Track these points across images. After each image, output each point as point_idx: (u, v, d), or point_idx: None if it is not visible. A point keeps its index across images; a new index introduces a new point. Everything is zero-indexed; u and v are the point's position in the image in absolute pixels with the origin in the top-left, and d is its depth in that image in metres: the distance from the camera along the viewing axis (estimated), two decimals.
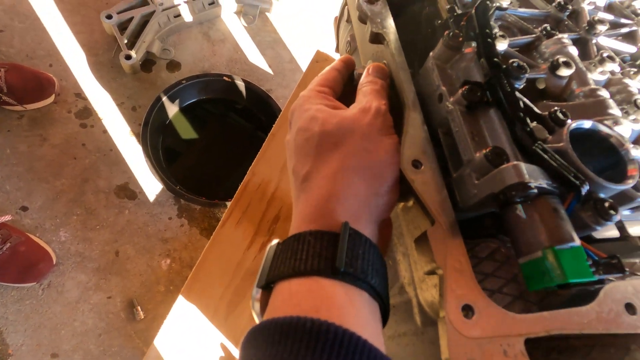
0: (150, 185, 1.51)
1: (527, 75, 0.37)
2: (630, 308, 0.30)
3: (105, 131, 1.55)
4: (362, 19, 0.45)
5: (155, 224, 1.49)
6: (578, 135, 0.32)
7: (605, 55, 0.39)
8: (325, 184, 0.31)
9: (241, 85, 1.59)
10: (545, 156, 0.29)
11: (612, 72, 0.41)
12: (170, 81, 1.62)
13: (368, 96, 0.36)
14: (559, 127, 0.34)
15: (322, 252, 0.28)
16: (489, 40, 0.35)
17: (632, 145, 0.35)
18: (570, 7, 0.46)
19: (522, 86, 0.37)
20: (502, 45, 0.39)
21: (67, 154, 1.48)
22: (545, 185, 0.28)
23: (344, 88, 0.42)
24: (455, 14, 0.40)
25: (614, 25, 0.50)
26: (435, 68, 0.38)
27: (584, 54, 0.44)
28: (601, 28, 0.43)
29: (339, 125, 0.33)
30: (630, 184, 0.29)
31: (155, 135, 1.50)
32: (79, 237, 1.41)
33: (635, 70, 0.41)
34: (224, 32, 1.83)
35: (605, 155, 0.33)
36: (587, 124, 0.31)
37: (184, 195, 1.40)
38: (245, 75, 1.78)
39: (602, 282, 0.29)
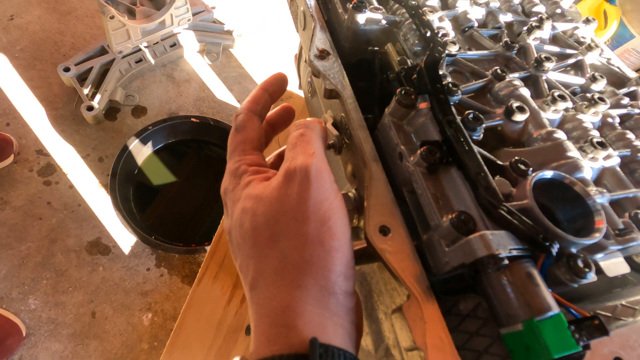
0: (124, 237, 1.44)
1: (484, 125, 0.37)
2: None
3: (71, 186, 1.49)
4: (315, 74, 0.44)
5: (132, 278, 1.42)
6: (543, 184, 0.32)
7: (556, 95, 0.40)
8: (274, 293, 0.28)
9: (210, 124, 1.57)
10: (512, 219, 0.28)
11: (566, 109, 0.42)
12: (136, 127, 1.58)
13: (294, 150, 0.32)
14: (522, 177, 0.33)
15: None
16: (441, 96, 0.35)
17: (594, 189, 0.35)
18: (516, 46, 0.47)
19: (480, 137, 0.37)
20: (455, 97, 0.39)
21: (32, 215, 1.41)
22: (515, 253, 0.27)
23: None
24: (406, 67, 0.40)
25: (561, 57, 0.51)
26: (392, 125, 0.37)
27: (536, 92, 0.44)
28: (549, 65, 0.44)
29: (268, 212, 0.29)
30: (598, 237, 0.29)
31: (125, 185, 1.44)
32: (51, 303, 1.32)
33: (587, 104, 0.42)
34: (188, 72, 1.82)
35: (573, 202, 0.32)
36: (548, 174, 0.31)
37: (159, 245, 1.34)
38: (214, 113, 1.76)
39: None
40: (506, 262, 0.27)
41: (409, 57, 0.44)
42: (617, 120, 0.43)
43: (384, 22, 0.46)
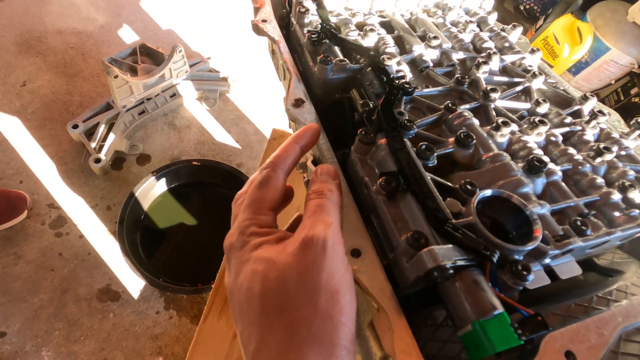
0: (133, 281, 1.48)
1: (436, 154, 0.42)
2: (569, 356, 0.33)
3: (81, 236, 1.55)
4: (293, 120, 0.50)
5: (142, 322, 1.44)
6: (490, 201, 0.37)
7: (500, 121, 0.46)
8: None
9: (211, 165, 1.65)
10: (456, 234, 0.33)
11: (512, 132, 0.48)
12: (142, 175, 1.66)
13: (312, 217, 0.32)
14: (470, 197, 0.38)
15: None
16: (395, 132, 0.41)
17: (536, 201, 0.39)
18: (467, 80, 0.54)
19: (434, 164, 0.42)
20: (411, 132, 0.45)
21: (44, 267, 1.46)
22: (460, 262, 0.32)
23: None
24: (367, 109, 0.47)
25: (510, 85, 0.58)
26: (357, 161, 0.43)
27: (487, 119, 0.50)
28: (494, 95, 0.51)
29: (281, 278, 0.29)
30: (535, 243, 0.33)
31: (133, 231, 1.50)
32: (63, 354, 1.34)
33: (531, 126, 0.47)
34: (188, 119, 1.93)
35: (516, 214, 0.37)
36: (488, 192, 0.36)
37: (168, 287, 1.37)
38: (215, 155, 1.85)
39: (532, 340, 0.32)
40: (451, 271, 0.31)
41: (371, 100, 0.50)
42: (560, 138, 0.49)
43: (349, 71, 0.53)
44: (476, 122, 0.47)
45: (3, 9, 2.02)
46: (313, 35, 0.55)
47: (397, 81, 0.50)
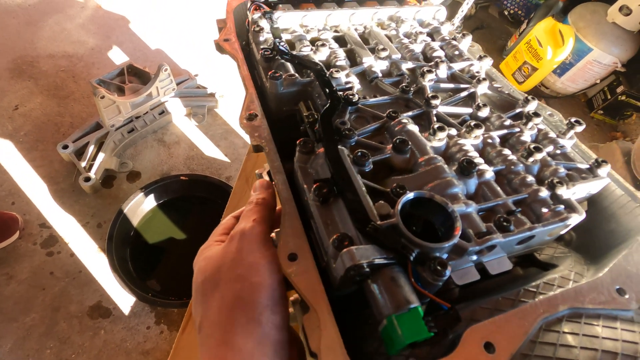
0: (124, 298, 1.50)
1: (372, 159, 0.45)
2: (489, 347, 0.34)
3: (72, 254, 1.57)
4: (247, 133, 0.53)
5: (133, 338, 1.45)
6: (420, 202, 0.39)
7: (436, 126, 0.48)
8: (213, 331, 0.34)
9: (198, 180, 1.68)
10: (376, 235, 0.35)
11: (450, 136, 0.50)
12: (132, 191, 1.69)
13: (241, 220, 0.41)
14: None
15: None
16: (329, 141, 0.43)
17: (464, 201, 0.42)
18: (411, 89, 0.56)
19: (371, 169, 0.45)
20: (352, 140, 0.47)
21: (36, 287, 1.48)
22: (379, 261, 0.34)
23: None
24: (311, 120, 0.49)
25: (456, 91, 0.60)
26: (298, 169, 0.45)
27: (429, 125, 0.53)
28: (435, 102, 0.53)
29: (213, 265, 0.38)
30: (453, 241, 0.35)
31: (122, 247, 1.52)
32: None
33: (468, 129, 0.50)
34: (177, 135, 1.97)
35: (441, 212, 0.39)
36: (411, 195, 0.38)
37: (157, 302, 1.39)
38: (204, 169, 1.88)
39: (446, 333, 0.33)
40: (368, 270, 0.33)
41: (318, 111, 0.53)
42: (497, 140, 0.51)
43: (299, 85, 0.56)
44: (415, 128, 0.50)
45: None
46: (266, 52, 0.58)
47: (342, 92, 0.53)
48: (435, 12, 0.75)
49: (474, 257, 0.40)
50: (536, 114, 0.53)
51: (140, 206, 1.61)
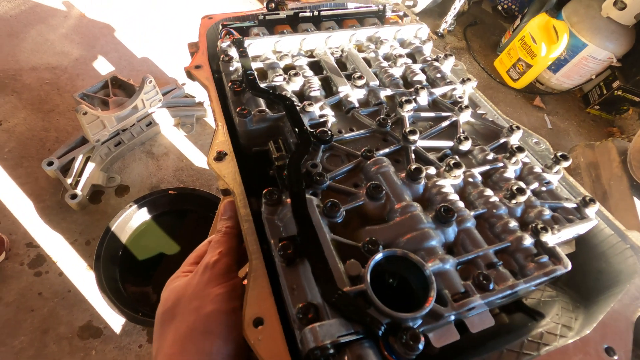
0: (115, 317, 1.47)
1: (344, 209, 0.42)
2: None
3: (61, 273, 1.54)
4: (215, 173, 0.50)
5: (125, 357, 1.42)
6: (392, 258, 0.36)
7: (413, 168, 0.45)
8: None
9: (187, 193, 1.65)
10: (342, 306, 0.32)
11: (429, 176, 0.47)
12: (120, 206, 1.65)
13: (209, 251, 0.43)
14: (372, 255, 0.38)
15: None
16: (296, 197, 0.40)
17: (440, 256, 0.39)
18: (389, 121, 0.53)
19: (342, 219, 0.42)
20: (324, 185, 0.44)
21: (24, 309, 1.45)
22: (345, 339, 0.31)
23: None
24: (280, 163, 0.46)
25: (438, 120, 0.57)
26: (265, 221, 0.42)
27: (408, 162, 0.50)
28: (414, 137, 0.50)
29: (174, 297, 0.39)
30: (425, 310, 0.33)
31: (111, 266, 1.49)
32: None
33: (447, 168, 0.47)
34: (166, 146, 1.93)
35: (417, 270, 0.36)
36: (379, 255, 0.35)
37: (147, 321, 1.36)
38: (194, 180, 1.84)
39: None
40: (332, 351, 0.30)
41: (289, 152, 0.50)
42: (479, 179, 0.48)
43: (269, 121, 0.53)
44: (391, 169, 0.47)
45: None
46: (234, 85, 0.55)
47: (315, 129, 0.50)
48: (416, 30, 0.72)
49: (452, 318, 0.37)
50: (520, 149, 0.50)
51: (129, 222, 1.58)
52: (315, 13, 0.72)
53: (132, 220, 1.59)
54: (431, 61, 0.67)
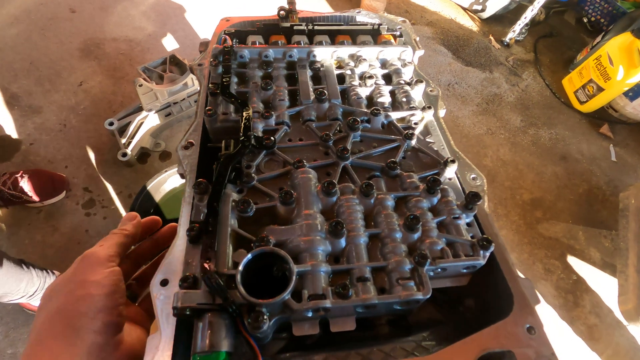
0: None
1: (255, 207, 0.50)
2: None
3: (105, 217, 1.82)
4: (179, 159, 0.61)
5: None
6: (265, 255, 0.44)
7: (326, 182, 0.51)
8: (33, 337, 0.40)
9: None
10: (208, 282, 0.41)
11: (343, 192, 0.53)
12: (161, 169, 1.89)
13: (94, 246, 0.49)
14: None
15: None
16: (216, 186, 0.49)
17: (320, 262, 0.45)
18: (332, 138, 0.59)
19: (251, 214, 0.50)
20: (251, 183, 0.53)
21: (73, 241, 1.75)
22: (204, 307, 0.40)
23: None
24: (221, 160, 0.55)
25: (383, 142, 0.62)
26: (193, 207, 0.52)
27: (340, 177, 0.56)
28: (346, 155, 0.56)
29: (54, 284, 0.44)
30: (277, 299, 0.40)
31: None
32: None
33: (362, 187, 0.52)
34: None
35: (287, 266, 0.44)
36: (251, 255, 0.42)
37: None
38: None
39: None
40: (188, 312, 0.39)
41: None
42: (390, 203, 0.52)
43: (232, 122, 0.62)
44: (312, 181, 0.53)
45: (74, 19, 2.40)
46: (211, 86, 0.65)
47: (264, 135, 0.58)
48: (400, 52, 0.75)
49: (310, 314, 0.44)
50: (436, 181, 0.53)
51: (163, 185, 1.80)
52: (310, 27, 0.78)
53: (166, 183, 1.80)
54: (403, 84, 0.70)
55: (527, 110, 2.61)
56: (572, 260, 2.06)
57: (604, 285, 1.99)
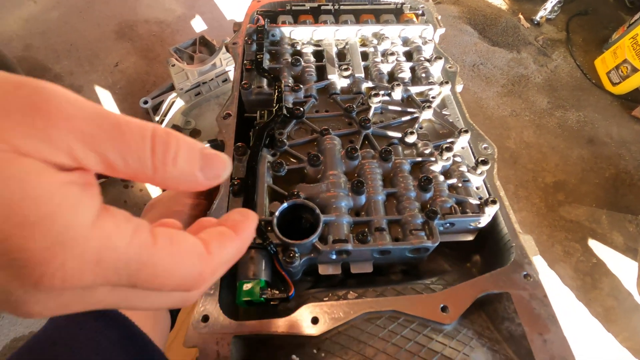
0: None
1: (287, 168, 0.58)
2: (315, 320, 0.47)
3: (142, 189, 1.96)
4: (218, 127, 0.69)
5: None
6: (301, 206, 0.52)
7: (349, 148, 0.58)
8: None
9: None
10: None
11: (365, 156, 0.60)
12: None
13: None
14: None
15: None
16: (254, 149, 0.57)
17: (343, 214, 0.53)
18: (355, 109, 0.66)
19: (284, 174, 0.58)
20: (283, 148, 0.60)
21: None
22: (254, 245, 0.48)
23: None
24: (256, 127, 0.63)
25: (402, 114, 0.68)
26: (233, 167, 0.60)
27: (362, 144, 0.63)
28: (368, 125, 0.63)
29: None
30: (307, 241, 0.48)
31: None
32: None
33: (384, 154, 0.58)
34: None
35: (315, 216, 0.51)
36: (286, 205, 0.50)
37: None
38: None
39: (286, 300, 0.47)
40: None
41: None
42: (407, 167, 0.59)
43: (265, 95, 0.69)
44: (337, 147, 0.60)
45: (109, 2, 2.52)
46: (246, 64, 0.72)
47: (295, 106, 0.65)
48: (422, 30, 0.79)
49: (334, 256, 0.52)
50: (448, 149, 0.59)
51: None
52: (336, 7, 0.83)
53: None
54: (423, 60, 0.75)
55: (555, 92, 2.54)
56: (593, 243, 2.05)
57: (625, 269, 1.98)
